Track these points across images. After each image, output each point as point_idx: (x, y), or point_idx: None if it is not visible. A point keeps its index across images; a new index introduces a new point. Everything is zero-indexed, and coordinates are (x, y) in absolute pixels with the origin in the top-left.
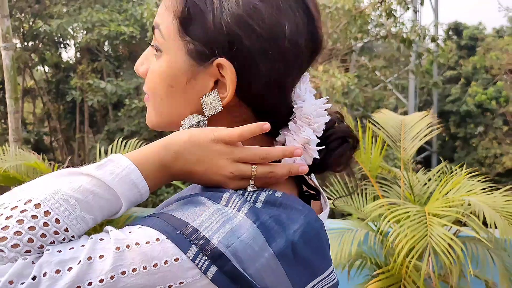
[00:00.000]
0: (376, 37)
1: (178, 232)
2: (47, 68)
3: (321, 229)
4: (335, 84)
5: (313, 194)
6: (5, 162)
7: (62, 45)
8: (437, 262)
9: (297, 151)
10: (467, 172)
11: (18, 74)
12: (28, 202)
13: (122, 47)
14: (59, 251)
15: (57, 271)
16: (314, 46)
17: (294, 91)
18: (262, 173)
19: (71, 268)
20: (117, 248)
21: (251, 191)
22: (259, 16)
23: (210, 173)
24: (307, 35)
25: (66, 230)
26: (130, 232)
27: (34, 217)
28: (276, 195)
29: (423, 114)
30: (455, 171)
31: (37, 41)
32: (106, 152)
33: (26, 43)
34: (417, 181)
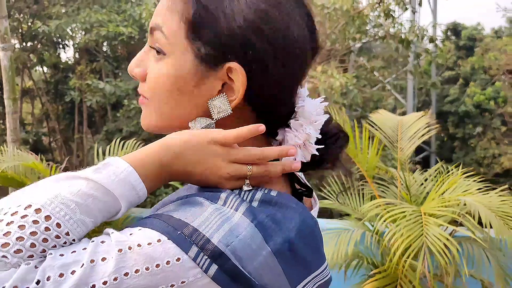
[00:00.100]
0: (374, 37)
1: (178, 233)
2: (45, 69)
3: (316, 226)
4: (333, 84)
5: (305, 191)
6: (3, 162)
7: (61, 46)
8: (433, 262)
9: (291, 150)
10: (462, 172)
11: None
12: (28, 207)
13: (120, 47)
14: (61, 255)
15: (61, 275)
16: (315, 47)
17: (298, 91)
18: (257, 172)
19: (74, 271)
20: (119, 250)
21: (246, 191)
22: (270, 20)
23: (207, 173)
24: (309, 36)
25: (67, 234)
26: (131, 234)
27: (35, 222)
28: (272, 194)
29: (420, 115)
30: (451, 171)
31: (36, 42)
32: (104, 153)
33: (24, 44)
34: (413, 181)
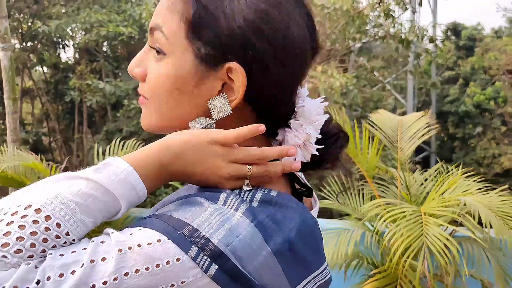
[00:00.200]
0: (374, 37)
1: (178, 233)
2: (45, 69)
3: (316, 226)
4: (333, 84)
5: (305, 191)
6: (3, 162)
7: (61, 46)
8: (433, 262)
9: (291, 151)
10: (462, 172)
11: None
12: (28, 207)
13: (120, 47)
14: (61, 255)
15: (61, 275)
16: (314, 46)
17: (298, 91)
18: (257, 172)
19: (74, 271)
20: (119, 250)
21: (246, 191)
22: (270, 20)
23: (207, 174)
24: (309, 36)
25: (67, 234)
26: (131, 234)
27: (35, 222)
28: (272, 194)
29: (420, 115)
30: (451, 171)
31: (36, 42)
32: (104, 153)
33: (24, 44)
34: (413, 181)
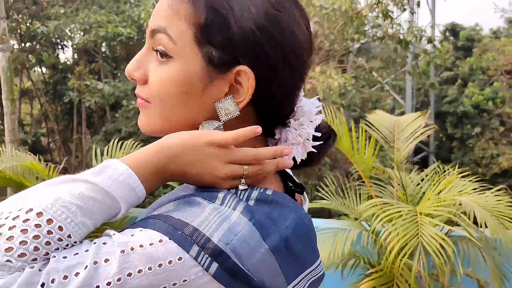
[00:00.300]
0: (373, 38)
1: (179, 233)
2: (44, 69)
3: (310, 224)
4: (332, 85)
5: (296, 188)
6: (1, 163)
7: (60, 46)
8: (429, 261)
9: (286, 150)
10: (458, 172)
11: (16, 75)
12: (29, 211)
13: (119, 48)
14: (64, 257)
15: (65, 277)
16: (311, 47)
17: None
18: (253, 172)
19: (78, 273)
20: (122, 251)
21: (242, 190)
22: (278, 24)
23: (204, 174)
24: (308, 38)
25: (69, 236)
26: (132, 235)
27: (38, 226)
28: (267, 193)
29: (417, 115)
30: (447, 171)
31: (35, 42)
32: (103, 153)
33: (23, 44)
34: (410, 181)
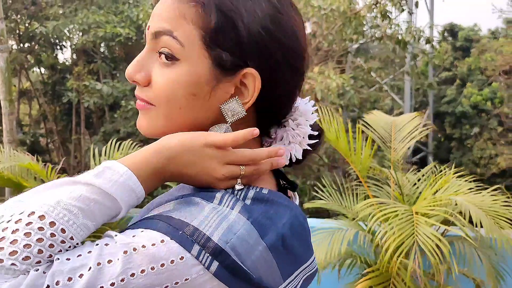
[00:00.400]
0: (371, 38)
1: (180, 233)
2: (43, 70)
3: (305, 221)
4: (330, 85)
5: (289, 186)
6: None
7: (58, 47)
8: (425, 260)
9: (280, 151)
10: (454, 172)
11: (14, 76)
12: (31, 214)
13: (118, 48)
14: (68, 259)
15: (69, 279)
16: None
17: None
18: (249, 172)
19: (82, 274)
20: (125, 252)
21: (239, 190)
22: (281, 26)
23: (202, 175)
24: (305, 39)
25: (72, 238)
26: (134, 236)
27: (41, 229)
28: (263, 192)
29: (414, 115)
30: (443, 170)
31: (33, 43)
32: (101, 154)
33: (22, 45)
34: (407, 181)
